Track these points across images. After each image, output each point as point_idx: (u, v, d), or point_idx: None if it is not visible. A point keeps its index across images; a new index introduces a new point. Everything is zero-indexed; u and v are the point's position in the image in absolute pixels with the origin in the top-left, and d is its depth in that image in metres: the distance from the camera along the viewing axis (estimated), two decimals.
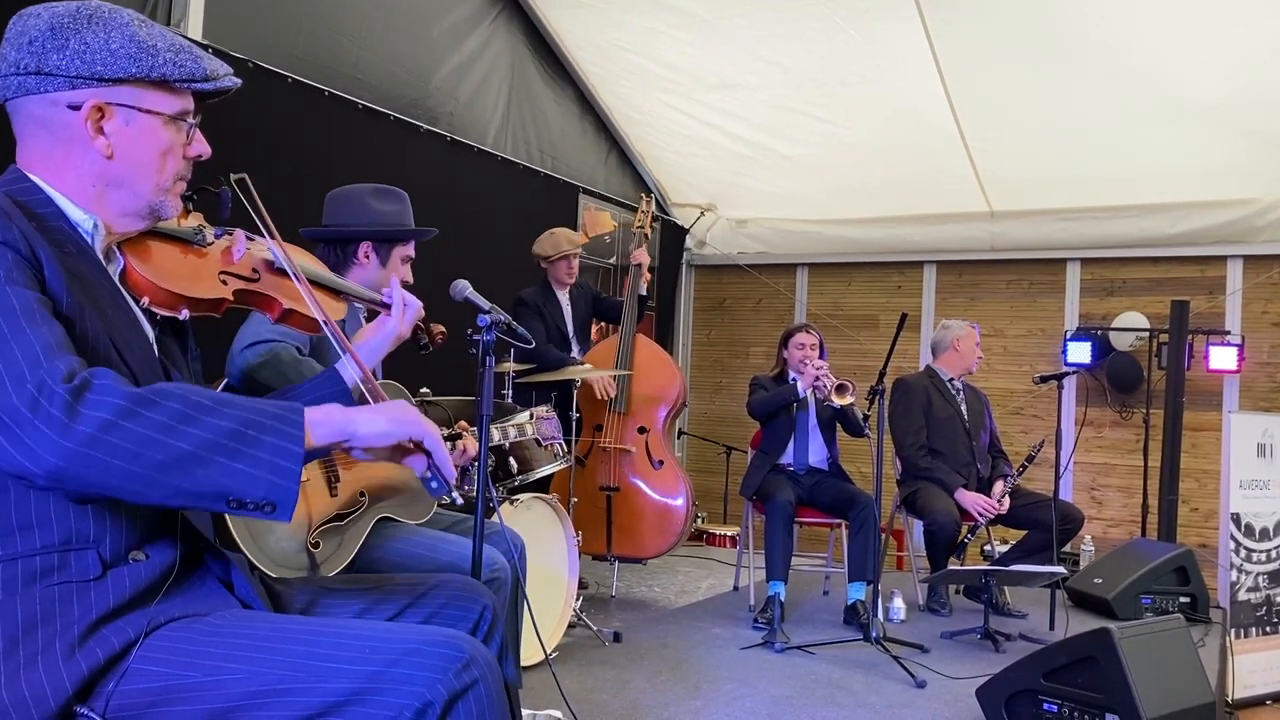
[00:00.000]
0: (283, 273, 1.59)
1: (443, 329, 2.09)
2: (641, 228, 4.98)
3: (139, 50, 1.35)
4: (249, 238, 1.60)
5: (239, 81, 1.48)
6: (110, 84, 1.35)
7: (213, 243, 1.55)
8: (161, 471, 1.15)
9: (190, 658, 1.26)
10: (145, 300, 1.44)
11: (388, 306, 1.83)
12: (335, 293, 1.77)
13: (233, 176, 1.51)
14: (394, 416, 1.34)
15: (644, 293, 4.89)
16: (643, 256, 4.89)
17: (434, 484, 1.39)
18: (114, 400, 1.14)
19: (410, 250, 2.69)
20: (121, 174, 1.38)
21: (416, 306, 1.80)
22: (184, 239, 1.52)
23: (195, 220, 1.56)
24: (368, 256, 2.63)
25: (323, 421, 1.29)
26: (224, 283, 1.53)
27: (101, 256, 1.40)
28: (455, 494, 1.42)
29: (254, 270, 1.59)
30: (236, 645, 1.27)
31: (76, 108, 1.34)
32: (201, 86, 1.41)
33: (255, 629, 1.31)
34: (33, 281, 1.24)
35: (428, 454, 1.37)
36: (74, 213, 1.37)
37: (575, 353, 4.83)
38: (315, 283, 1.71)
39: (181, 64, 1.39)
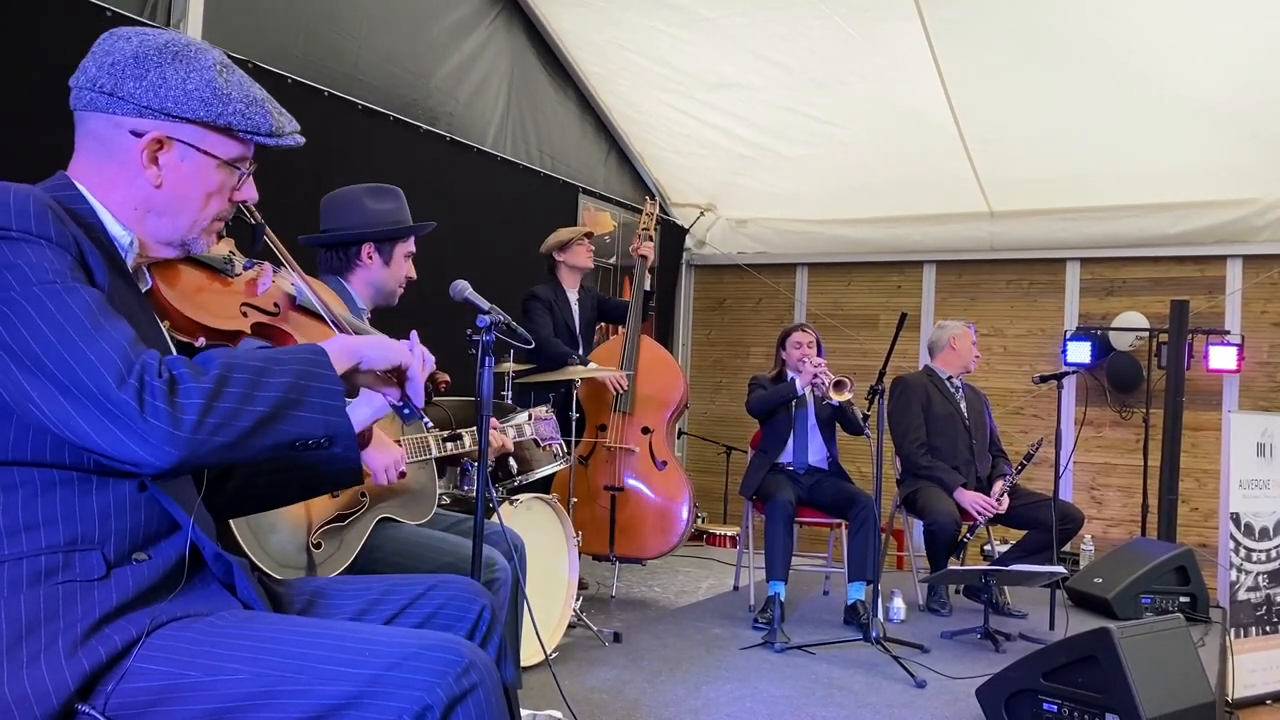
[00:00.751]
0: (303, 310, 1.63)
1: (447, 378, 2.09)
2: (646, 229, 4.99)
3: (213, 95, 1.39)
4: (275, 270, 1.64)
5: (302, 140, 1.51)
6: (177, 120, 1.38)
7: (240, 274, 1.59)
8: (249, 436, 1.24)
9: (191, 657, 1.26)
10: (165, 324, 1.48)
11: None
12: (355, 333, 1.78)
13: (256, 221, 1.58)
14: (388, 343, 1.47)
15: (648, 288, 4.89)
16: (647, 249, 4.90)
17: (406, 411, 1.50)
18: (201, 385, 1.21)
19: (411, 246, 2.71)
20: (165, 204, 1.41)
21: (431, 362, 1.83)
22: (213, 267, 1.56)
23: (226, 247, 1.60)
24: (371, 257, 2.65)
25: (338, 353, 1.38)
26: (244, 314, 1.57)
27: (132, 273, 1.43)
28: (428, 420, 1.52)
29: (275, 304, 1.63)
30: (237, 646, 1.28)
31: (138, 134, 1.37)
32: (264, 141, 1.45)
33: (256, 630, 1.31)
34: (89, 282, 1.28)
35: (405, 383, 1.49)
36: (114, 227, 1.40)
37: (581, 350, 4.83)
38: (333, 323, 1.73)
39: (250, 116, 1.42)
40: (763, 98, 5.89)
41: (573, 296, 4.85)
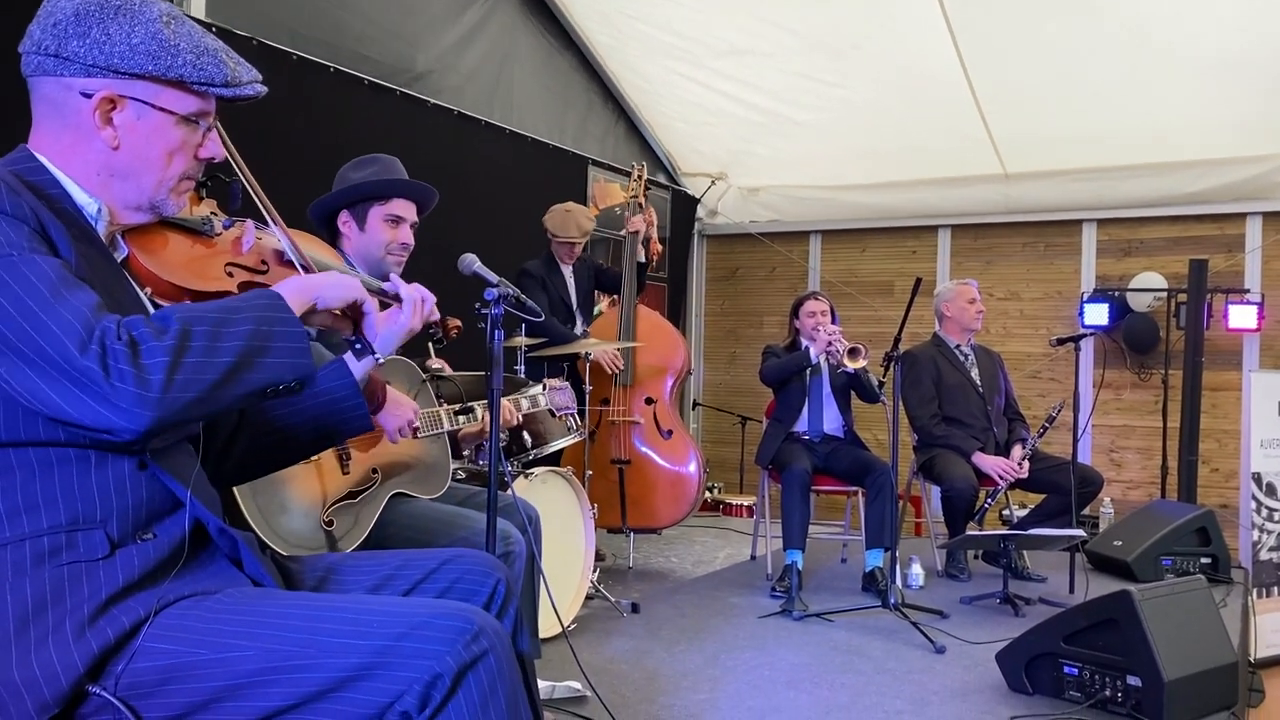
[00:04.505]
0: (292, 265, 1.57)
1: (458, 323, 2.05)
2: (635, 196, 4.92)
3: (160, 48, 1.34)
4: (258, 228, 1.59)
5: (263, 90, 1.47)
6: (126, 77, 1.34)
7: (221, 233, 1.53)
8: (218, 388, 1.22)
9: (200, 635, 1.26)
10: (147, 290, 1.44)
11: (399, 299, 1.80)
12: None
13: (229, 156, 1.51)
14: (340, 280, 1.45)
15: (642, 260, 4.82)
16: (637, 224, 4.81)
17: (358, 346, 1.52)
18: (164, 344, 1.19)
19: (394, 209, 2.57)
20: (126, 167, 1.38)
21: (432, 302, 1.78)
22: (192, 229, 1.51)
23: (207, 208, 1.55)
24: (346, 224, 2.59)
25: (292, 294, 1.36)
26: (229, 274, 1.52)
27: (105, 242, 1.40)
28: (379, 357, 1.55)
29: (262, 262, 1.57)
30: (245, 623, 1.27)
31: (88, 95, 1.34)
32: (220, 92, 1.41)
33: (264, 606, 1.31)
34: (51, 252, 1.25)
35: (360, 319, 1.50)
36: (80, 196, 1.37)
37: (579, 326, 4.80)
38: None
39: (202, 67, 1.38)
40: (773, 63, 5.81)
41: (568, 271, 4.80)
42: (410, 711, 1.23)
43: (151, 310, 1.43)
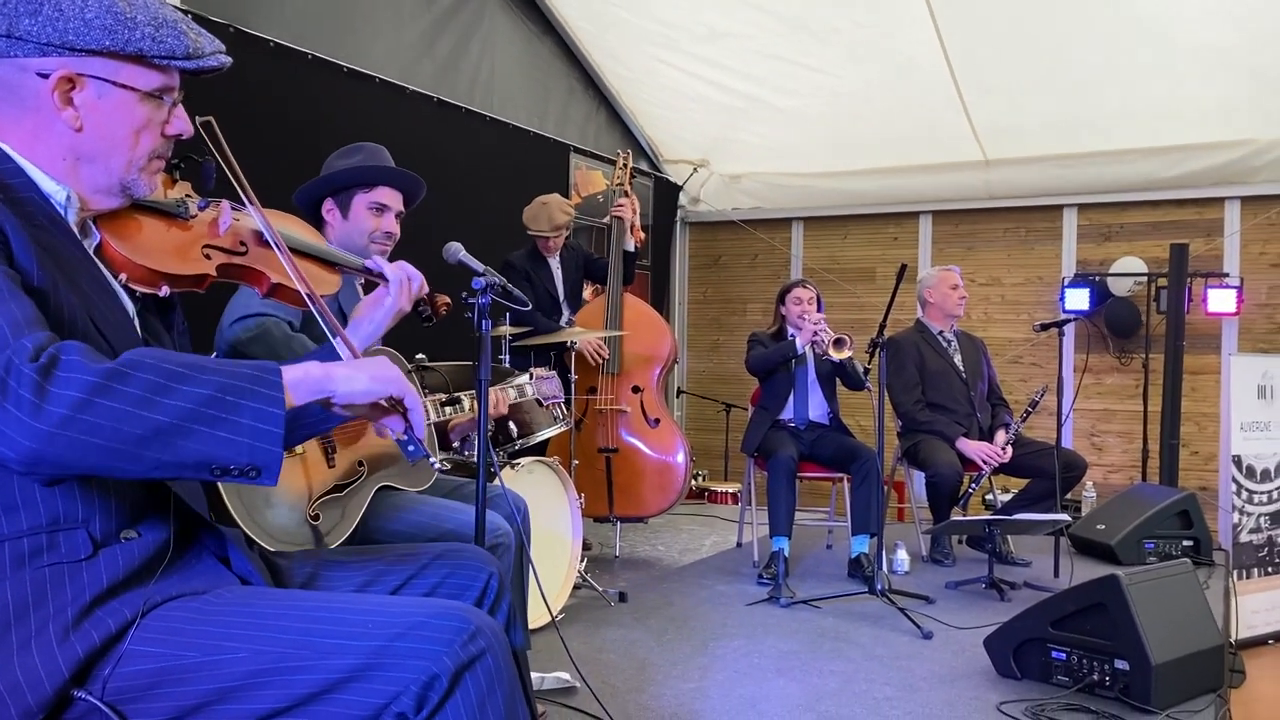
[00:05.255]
0: (271, 246, 1.52)
1: (447, 300, 2.01)
2: (621, 184, 4.88)
3: (115, 22, 1.28)
4: (235, 208, 1.53)
5: (227, 60, 1.40)
6: (83, 54, 1.28)
7: (196, 215, 1.47)
8: (141, 446, 1.11)
9: (189, 637, 1.23)
10: (123, 277, 1.38)
11: (385, 279, 1.75)
12: (330, 264, 1.71)
13: (198, 120, 1.41)
14: (374, 374, 1.31)
15: (630, 248, 4.78)
16: (624, 211, 4.76)
17: (410, 447, 1.36)
18: (84, 377, 1.09)
19: (378, 197, 2.52)
20: (92, 149, 1.32)
21: (419, 280, 1.73)
22: (165, 211, 1.45)
23: (181, 191, 1.50)
24: (330, 212, 2.56)
25: (301, 380, 1.25)
26: (207, 257, 1.46)
27: (76, 230, 1.34)
28: (434, 459, 1.37)
29: (240, 243, 1.51)
30: (236, 624, 1.25)
31: (45, 76, 1.28)
32: (182, 64, 1.35)
33: (255, 606, 1.28)
34: (5, 248, 1.20)
35: (405, 414, 1.35)
36: (46, 184, 1.32)
37: (566, 316, 4.77)
38: (306, 254, 1.66)
39: (161, 40, 1.32)
40: (754, 47, 5.78)
41: (553, 262, 4.75)
42: (407, 713, 1.21)
43: (127, 300, 1.39)
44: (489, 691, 1.24)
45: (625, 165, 4.92)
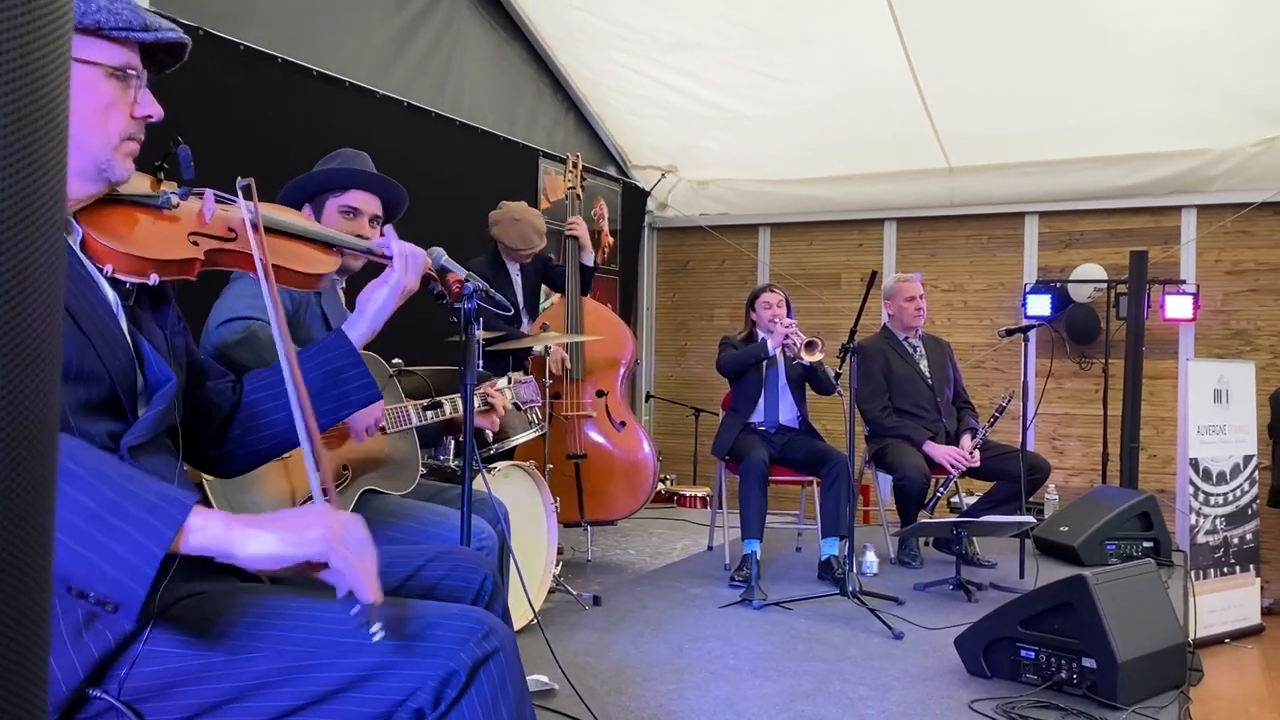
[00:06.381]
0: (265, 230, 1.51)
1: (460, 277, 1.99)
2: (572, 188, 4.85)
3: None
4: (219, 198, 1.53)
5: (185, 38, 1.40)
6: None
7: (179, 205, 1.47)
8: None
9: (206, 638, 1.24)
10: (109, 269, 1.36)
11: (388, 258, 1.73)
12: (326, 245, 1.69)
13: (239, 181, 1.46)
14: (288, 536, 1.14)
15: (588, 263, 4.74)
16: (577, 229, 4.70)
17: (354, 608, 1.17)
18: None
19: (349, 200, 2.50)
20: None
21: (421, 256, 1.72)
22: (147, 204, 1.44)
23: (167, 189, 1.50)
24: (309, 219, 2.55)
25: (202, 529, 1.11)
26: (194, 243, 1.46)
27: None
28: (374, 627, 1.18)
29: (230, 229, 1.51)
30: (253, 624, 1.26)
31: None
32: (141, 36, 1.33)
33: (272, 606, 1.29)
34: None
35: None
36: None
37: (525, 325, 4.75)
38: (303, 237, 1.66)
39: (117, 12, 1.30)
40: (722, 57, 5.84)
41: (513, 269, 4.70)
42: (424, 708, 1.22)
43: (111, 292, 1.37)
44: (501, 687, 1.26)
45: (575, 166, 4.89)
